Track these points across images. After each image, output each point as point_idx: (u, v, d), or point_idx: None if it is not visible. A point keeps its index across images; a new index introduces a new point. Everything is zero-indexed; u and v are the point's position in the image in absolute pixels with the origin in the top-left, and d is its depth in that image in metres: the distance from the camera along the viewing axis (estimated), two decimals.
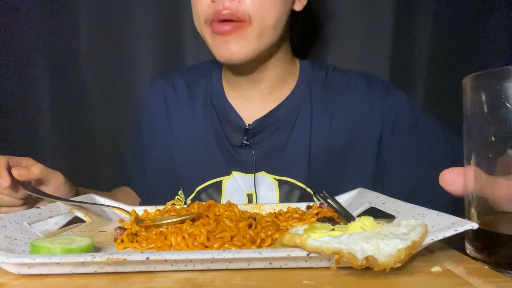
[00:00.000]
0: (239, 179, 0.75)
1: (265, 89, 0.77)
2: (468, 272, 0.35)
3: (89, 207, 0.61)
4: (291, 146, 0.75)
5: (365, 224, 0.41)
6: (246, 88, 0.77)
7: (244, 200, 0.75)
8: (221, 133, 0.77)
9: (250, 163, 0.74)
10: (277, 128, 0.75)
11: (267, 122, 0.75)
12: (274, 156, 0.75)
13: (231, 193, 0.75)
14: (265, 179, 0.75)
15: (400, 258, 0.34)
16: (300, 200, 0.73)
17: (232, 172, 0.75)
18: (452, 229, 0.37)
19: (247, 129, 0.75)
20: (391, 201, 0.53)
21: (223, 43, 0.67)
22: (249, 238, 0.45)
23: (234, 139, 0.75)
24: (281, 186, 0.74)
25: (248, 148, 0.75)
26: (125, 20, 0.99)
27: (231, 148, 0.76)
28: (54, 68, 1.01)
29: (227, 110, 0.77)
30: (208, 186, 0.76)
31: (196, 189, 0.76)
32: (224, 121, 0.78)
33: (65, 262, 0.36)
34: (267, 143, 0.75)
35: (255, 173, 0.74)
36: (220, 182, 0.75)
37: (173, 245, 0.45)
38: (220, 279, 0.35)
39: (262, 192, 0.74)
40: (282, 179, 0.74)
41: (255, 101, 0.77)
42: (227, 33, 0.66)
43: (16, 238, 0.43)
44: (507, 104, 0.33)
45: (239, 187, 0.75)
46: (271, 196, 0.74)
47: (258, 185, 0.74)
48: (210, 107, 0.79)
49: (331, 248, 0.34)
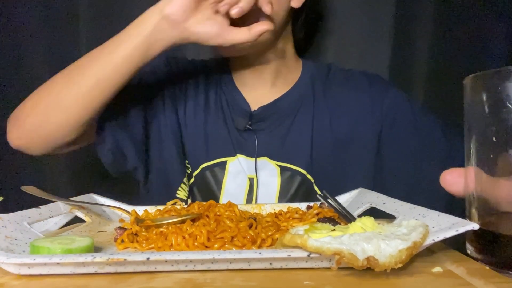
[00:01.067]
0: (243, 162, 0.78)
1: (267, 80, 0.81)
2: (469, 273, 0.35)
3: (89, 207, 0.61)
4: (294, 134, 0.78)
5: (365, 224, 0.41)
6: (250, 78, 0.81)
7: (246, 183, 0.77)
8: (229, 116, 0.81)
9: (253, 148, 0.77)
10: (281, 117, 0.79)
11: (271, 110, 0.79)
12: (277, 143, 0.78)
13: (234, 175, 0.78)
14: (268, 164, 0.77)
15: (401, 259, 0.34)
16: (300, 186, 0.76)
17: (236, 154, 0.78)
18: (453, 230, 0.37)
19: (251, 114, 0.79)
20: (392, 201, 0.53)
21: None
22: (249, 238, 0.45)
23: (238, 123, 0.79)
24: (283, 172, 0.77)
25: (252, 132, 0.78)
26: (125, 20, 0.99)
27: (237, 132, 0.79)
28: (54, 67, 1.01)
29: (235, 95, 0.82)
30: (213, 165, 0.78)
31: (201, 166, 0.79)
32: (231, 105, 0.81)
33: (65, 262, 0.36)
34: (270, 130, 0.79)
35: (256, 157, 0.77)
36: (225, 162, 0.78)
37: (174, 245, 0.45)
38: (220, 280, 0.35)
39: (263, 177, 0.77)
40: (284, 165, 0.77)
41: (259, 90, 0.81)
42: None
43: (16, 238, 0.43)
44: (508, 104, 0.33)
45: (242, 169, 0.77)
46: (272, 181, 0.77)
47: (260, 169, 0.77)
48: (220, 92, 0.83)
49: (332, 248, 0.34)
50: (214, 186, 0.77)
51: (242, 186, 0.77)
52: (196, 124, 0.81)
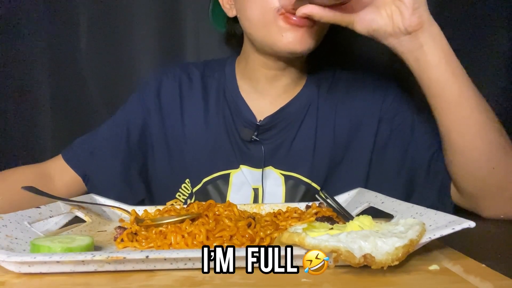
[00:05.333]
0: (247, 173, 0.76)
1: (280, 87, 0.78)
2: (465, 271, 0.36)
3: (89, 207, 0.61)
4: (298, 142, 0.77)
5: (363, 223, 0.41)
6: (264, 84, 0.78)
7: (250, 194, 0.76)
8: (232, 126, 0.78)
9: (259, 158, 0.76)
10: (287, 125, 0.77)
11: (278, 118, 0.77)
12: (282, 152, 0.77)
13: (238, 186, 0.76)
14: (272, 174, 0.76)
15: (397, 256, 0.34)
16: (305, 195, 0.75)
17: (240, 166, 0.77)
18: (450, 228, 0.37)
19: (258, 125, 0.76)
20: (390, 201, 0.53)
21: (297, 33, 0.66)
22: (248, 237, 0.45)
23: (244, 134, 0.77)
24: (287, 181, 0.75)
25: (258, 143, 0.76)
26: (125, 20, 1.00)
27: (241, 142, 0.77)
28: (54, 67, 1.01)
29: (239, 104, 0.79)
30: (215, 178, 0.77)
31: (203, 180, 0.77)
32: (235, 115, 0.79)
33: (65, 260, 0.36)
34: (276, 139, 0.77)
35: (263, 168, 0.75)
36: (228, 174, 0.77)
37: (173, 244, 0.45)
38: (219, 277, 0.36)
39: (268, 187, 0.76)
40: (288, 174, 0.76)
41: (269, 97, 0.79)
42: (303, 25, 0.65)
43: (16, 237, 0.44)
44: None
45: (246, 181, 0.76)
46: (277, 191, 0.75)
47: (265, 179, 0.76)
48: (223, 100, 0.80)
49: (329, 246, 0.34)
50: (218, 199, 0.76)
51: (246, 197, 0.76)
52: (198, 138, 0.79)
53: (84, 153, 0.78)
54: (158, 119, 0.81)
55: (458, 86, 0.59)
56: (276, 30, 0.67)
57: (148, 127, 0.81)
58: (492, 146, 0.60)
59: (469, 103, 0.59)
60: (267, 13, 0.66)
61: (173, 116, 0.81)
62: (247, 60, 0.78)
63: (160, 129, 0.81)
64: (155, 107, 0.81)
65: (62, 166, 0.77)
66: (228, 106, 0.80)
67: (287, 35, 0.66)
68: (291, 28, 0.66)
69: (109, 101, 1.01)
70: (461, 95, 0.59)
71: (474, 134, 0.60)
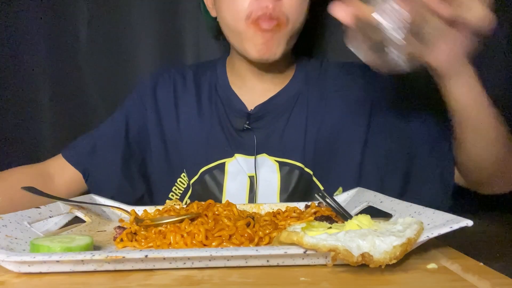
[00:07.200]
0: (242, 161, 0.78)
1: (268, 81, 0.82)
2: (463, 269, 0.36)
3: (89, 207, 0.62)
4: (290, 130, 0.79)
5: (362, 222, 0.41)
6: (252, 79, 0.82)
7: (246, 182, 0.77)
8: (224, 118, 0.81)
9: (252, 146, 0.78)
10: (278, 114, 0.80)
11: (268, 108, 0.80)
12: (274, 139, 0.79)
13: (234, 175, 0.78)
14: (267, 161, 0.78)
15: (395, 255, 0.34)
16: (300, 180, 0.76)
17: (234, 155, 0.79)
18: (447, 227, 0.37)
19: (249, 114, 0.79)
20: (389, 200, 0.54)
21: (264, 41, 0.70)
22: (247, 236, 0.45)
23: (236, 123, 0.79)
24: (282, 167, 0.77)
25: (250, 131, 0.79)
26: (125, 20, 1.00)
27: (234, 132, 0.80)
28: (54, 67, 1.01)
29: (230, 97, 0.82)
30: (212, 168, 0.79)
31: (200, 170, 0.79)
32: (227, 107, 0.82)
33: (64, 260, 0.36)
34: (267, 127, 0.79)
35: (255, 155, 0.78)
36: (223, 164, 0.79)
37: (172, 244, 0.45)
38: (218, 277, 0.36)
39: (263, 174, 0.78)
40: (282, 160, 0.78)
41: (258, 91, 0.82)
42: (270, 31, 0.69)
43: (16, 237, 0.44)
44: None
45: (241, 169, 0.78)
46: (272, 177, 0.77)
47: (260, 167, 0.78)
48: (215, 95, 0.84)
49: (327, 245, 0.34)
50: (215, 188, 0.78)
51: (242, 185, 0.78)
52: (193, 131, 0.82)
53: (84, 150, 0.80)
54: (155, 117, 0.84)
55: (479, 112, 0.59)
56: (247, 37, 0.70)
57: (145, 124, 0.84)
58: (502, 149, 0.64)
59: (488, 120, 0.60)
60: (238, 22, 0.70)
61: (168, 113, 0.84)
62: (234, 59, 0.82)
63: (156, 126, 0.83)
64: (151, 105, 0.84)
65: (62, 165, 0.78)
66: (220, 99, 0.83)
67: (257, 44, 0.70)
68: (258, 34, 0.69)
69: (108, 101, 1.01)
70: (482, 120, 0.60)
71: (487, 145, 0.63)
